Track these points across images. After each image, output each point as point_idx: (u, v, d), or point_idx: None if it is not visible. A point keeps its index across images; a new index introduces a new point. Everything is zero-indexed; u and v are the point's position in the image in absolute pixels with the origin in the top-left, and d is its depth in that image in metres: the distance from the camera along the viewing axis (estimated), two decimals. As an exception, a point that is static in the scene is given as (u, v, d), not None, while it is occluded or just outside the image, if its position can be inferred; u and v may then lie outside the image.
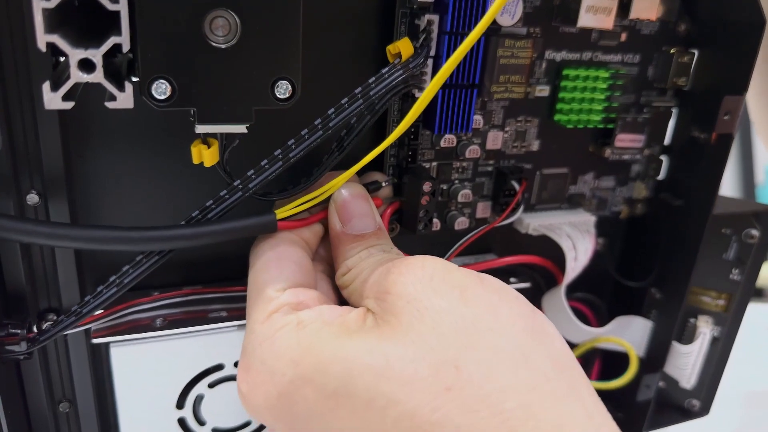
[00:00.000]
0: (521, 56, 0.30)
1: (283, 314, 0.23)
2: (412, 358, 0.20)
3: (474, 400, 0.19)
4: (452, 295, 0.22)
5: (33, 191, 0.25)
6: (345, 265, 0.26)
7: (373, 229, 0.27)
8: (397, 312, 0.22)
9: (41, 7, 0.20)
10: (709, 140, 0.34)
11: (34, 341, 0.25)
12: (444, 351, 0.20)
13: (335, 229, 0.27)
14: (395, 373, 0.20)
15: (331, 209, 0.27)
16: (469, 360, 0.20)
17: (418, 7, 0.28)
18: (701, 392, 0.42)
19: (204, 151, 0.24)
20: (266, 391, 0.22)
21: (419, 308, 0.21)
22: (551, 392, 0.20)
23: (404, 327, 0.21)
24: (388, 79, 0.26)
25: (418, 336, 0.21)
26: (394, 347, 0.21)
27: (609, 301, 0.41)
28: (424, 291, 0.22)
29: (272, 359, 0.22)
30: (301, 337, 0.22)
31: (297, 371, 0.21)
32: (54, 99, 0.21)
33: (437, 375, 0.20)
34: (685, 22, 0.34)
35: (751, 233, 0.38)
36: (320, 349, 0.21)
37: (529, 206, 0.35)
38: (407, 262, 0.23)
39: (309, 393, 0.21)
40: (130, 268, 0.25)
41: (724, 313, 0.40)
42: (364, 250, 0.26)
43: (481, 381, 0.19)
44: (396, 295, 0.22)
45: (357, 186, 0.28)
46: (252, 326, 0.24)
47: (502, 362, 0.20)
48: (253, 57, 0.23)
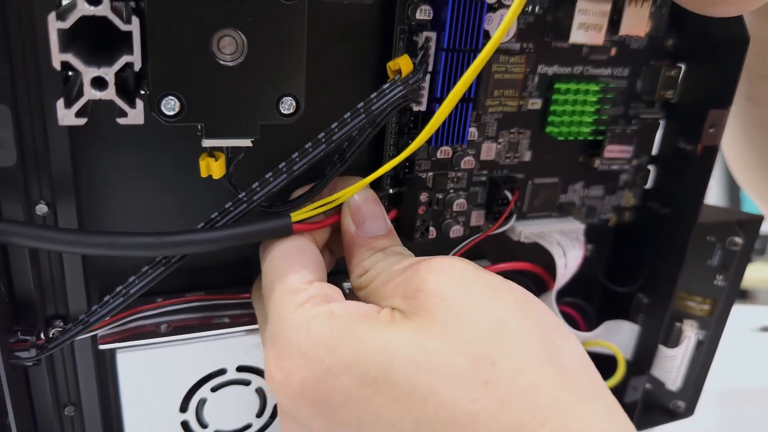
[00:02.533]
0: (515, 71, 0.31)
1: (314, 305, 0.24)
2: (450, 351, 0.21)
3: (509, 394, 0.20)
4: (485, 295, 0.23)
5: (42, 201, 0.26)
6: (362, 267, 0.27)
7: (385, 231, 0.28)
8: (431, 309, 0.23)
9: (56, 28, 0.20)
10: (695, 151, 0.35)
11: (43, 348, 0.26)
12: (480, 347, 0.21)
13: (350, 232, 0.28)
14: (435, 365, 0.21)
15: (344, 213, 0.28)
16: (503, 356, 0.21)
17: (416, 24, 0.29)
18: (686, 394, 0.43)
19: (212, 164, 0.25)
20: (303, 377, 0.22)
21: (453, 306, 0.22)
22: (577, 390, 0.21)
23: (440, 323, 0.22)
24: (389, 95, 0.27)
25: (454, 332, 0.22)
26: (431, 341, 0.22)
27: (597, 306, 0.43)
28: (457, 290, 0.23)
29: (309, 346, 0.22)
30: (335, 327, 0.23)
31: (335, 358, 0.22)
32: (67, 115, 0.22)
33: (475, 369, 0.21)
34: (672, 37, 0.36)
35: (735, 241, 0.39)
36: (358, 338, 0.22)
37: (521, 214, 0.36)
38: (437, 262, 0.24)
39: (347, 380, 0.22)
40: (136, 278, 0.26)
41: (708, 318, 0.41)
42: (379, 252, 0.27)
43: (515, 376, 0.21)
44: (428, 293, 0.23)
45: (368, 190, 0.29)
46: (280, 314, 0.24)
47: (533, 360, 0.21)
48: (259, 74, 0.24)
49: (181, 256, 0.26)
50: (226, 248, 0.26)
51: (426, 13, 0.28)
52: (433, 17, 0.28)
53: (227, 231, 0.26)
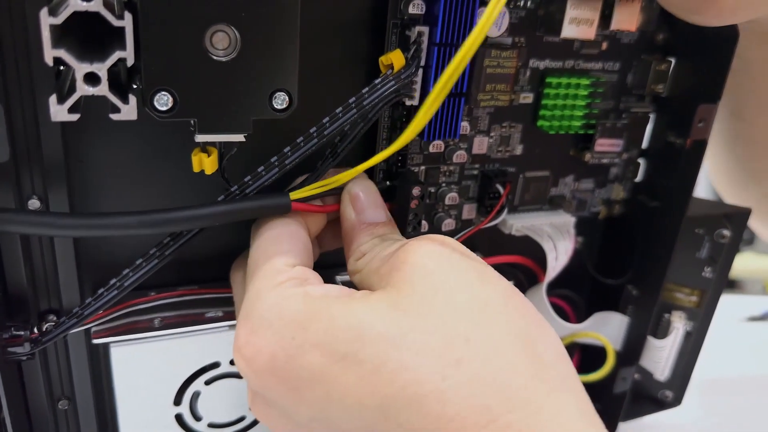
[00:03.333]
0: (507, 66, 0.31)
1: (291, 285, 0.24)
2: (425, 328, 0.21)
3: (481, 375, 0.20)
4: (470, 275, 0.23)
5: (34, 196, 0.26)
6: (359, 251, 0.27)
7: (384, 219, 0.28)
8: (413, 281, 0.22)
9: (49, 23, 0.20)
10: (684, 145, 0.36)
11: (36, 342, 0.26)
12: (456, 324, 0.21)
13: (350, 219, 0.28)
14: (407, 341, 0.21)
15: (344, 201, 0.28)
16: (479, 336, 0.21)
17: (408, 19, 0.29)
18: (674, 384, 0.44)
19: (204, 159, 0.25)
20: (272, 353, 0.22)
21: (435, 282, 0.22)
22: (550, 381, 0.21)
23: (419, 297, 0.22)
24: (380, 90, 0.27)
25: (432, 307, 0.22)
26: (406, 317, 0.21)
27: (587, 298, 0.43)
28: (441, 265, 0.23)
29: (281, 323, 0.22)
30: (310, 305, 0.23)
31: (306, 335, 0.22)
32: (60, 111, 0.22)
33: (449, 346, 0.20)
34: (663, 32, 0.36)
35: (723, 233, 0.39)
36: (330, 314, 0.22)
37: (513, 208, 0.36)
38: (426, 237, 0.24)
39: (316, 357, 0.22)
40: (130, 271, 0.26)
41: (696, 309, 0.42)
42: (377, 237, 0.27)
43: (490, 357, 0.20)
44: (412, 265, 0.23)
45: (368, 181, 0.29)
46: (258, 292, 0.24)
47: (510, 344, 0.21)
48: (252, 70, 0.24)
49: (176, 246, 0.26)
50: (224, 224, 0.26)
51: (419, 8, 0.28)
52: (426, 11, 0.29)
53: (225, 206, 0.26)
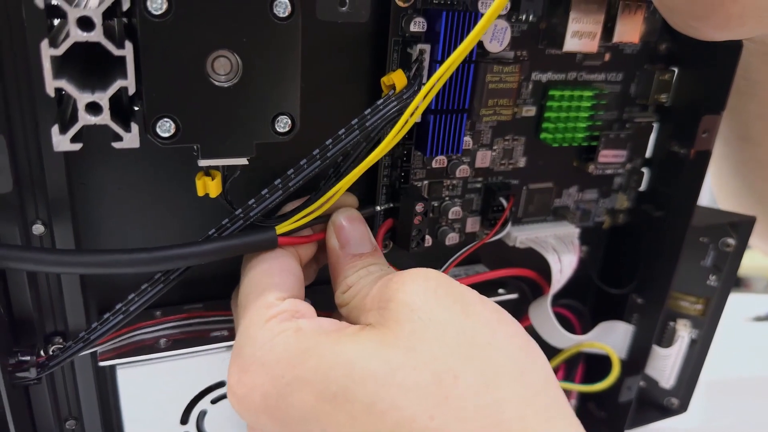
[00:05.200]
0: (509, 80, 0.31)
1: (281, 320, 0.24)
2: (414, 366, 0.21)
3: (472, 410, 0.20)
4: (455, 309, 0.23)
5: (38, 221, 0.26)
6: (345, 284, 0.27)
7: (369, 250, 0.28)
8: (400, 320, 0.22)
9: (49, 54, 0.20)
10: (688, 155, 0.36)
11: (43, 367, 0.26)
12: (445, 361, 0.21)
13: (335, 250, 0.28)
14: (397, 380, 0.21)
15: (329, 232, 0.28)
16: (468, 371, 0.21)
17: (410, 37, 0.29)
18: (680, 391, 0.44)
19: (209, 183, 0.25)
20: (264, 392, 0.22)
21: (422, 318, 0.22)
22: (544, 407, 0.21)
23: (406, 335, 0.22)
24: (383, 111, 0.27)
25: (420, 344, 0.21)
26: (395, 354, 0.21)
27: (591, 307, 0.43)
28: (428, 302, 0.23)
29: (271, 361, 0.22)
30: (300, 342, 0.23)
31: (296, 373, 0.22)
32: (63, 141, 0.22)
33: (438, 384, 0.20)
34: (666, 41, 0.36)
35: (728, 242, 0.39)
36: (320, 353, 0.22)
37: (516, 220, 0.36)
38: (410, 273, 0.24)
39: (307, 396, 0.22)
40: (135, 296, 0.26)
41: (701, 317, 0.42)
42: (363, 269, 0.27)
43: (479, 391, 0.20)
44: (399, 303, 0.23)
45: (352, 210, 0.29)
46: (248, 329, 0.24)
47: (500, 376, 0.21)
48: (254, 94, 0.24)
49: (179, 272, 0.26)
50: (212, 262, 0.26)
51: (420, 26, 0.28)
52: (427, 29, 0.28)
53: (211, 245, 0.26)
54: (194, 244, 0.25)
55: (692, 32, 0.27)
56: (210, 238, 0.26)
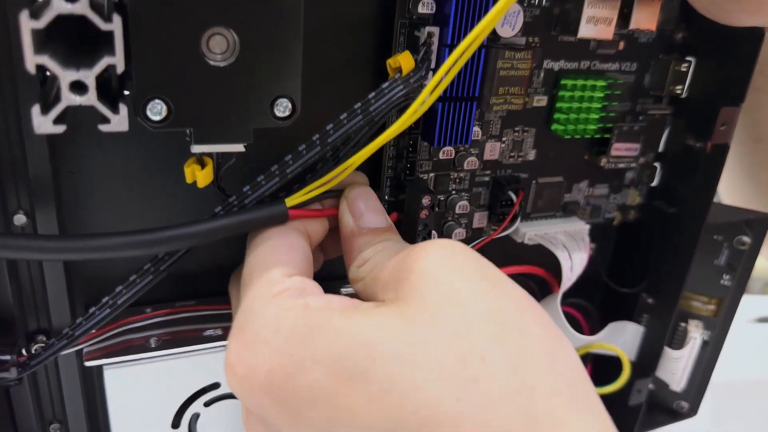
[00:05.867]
0: (521, 68, 0.30)
1: (289, 296, 0.22)
2: (438, 344, 0.19)
3: (500, 395, 0.18)
4: (483, 284, 0.21)
5: (20, 211, 0.24)
6: (361, 257, 0.25)
7: (385, 225, 0.26)
8: (422, 293, 0.21)
9: (30, 28, 0.19)
10: (704, 149, 0.34)
11: (24, 366, 0.24)
12: (471, 340, 0.19)
13: (348, 225, 0.26)
14: (419, 359, 0.19)
15: (342, 207, 0.27)
16: (497, 352, 0.19)
17: (417, 19, 0.27)
18: (690, 394, 0.42)
19: (197, 171, 0.24)
20: (269, 371, 0.20)
21: (447, 292, 0.20)
22: (575, 399, 0.19)
23: (429, 309, 0.20)
24: (388, 95, 0.25)
25: (444, 321, 0.20)
26: (418, 332, 0.20)
27: (599, 306, 0.42)
28: (453, 273, 0.21)
29: (279, 338, 0.20)
30: (309, 319, 0.21)
31: (307, 351, 0.20)
32: (44, 123, 0.20)
33: (464, 364, 0.19)
34: (682, 31, 0.34)
35: (743, 240, 0.38)
36: (334, 329, 0.20)
37: (525, 215, 0.35)
38: (433, 243, 0.22)
39: (319, 375, 0.20)
40: (123, 288, 0.25)
41: (714, 318, 0.40)
42: (379, 243, 0.25)
43: (509, 376, 0.19)
44: (420, 274, 0.21)
45: (367, 186, 0.27)
46: (253, 304, 0.22)
47: (530, 361, 0.19)
48: (252, 75, 0.22)
49: (169, 262, 0.25)
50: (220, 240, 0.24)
51: (428, 7, 0.27)
52: (436, 11, 0.27)
53: (217, 222, 0.24)
54: (198, 222, 0.24)
55: (721, 16, 0.26)
56: (216, 215, 0.24)
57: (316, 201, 0.26)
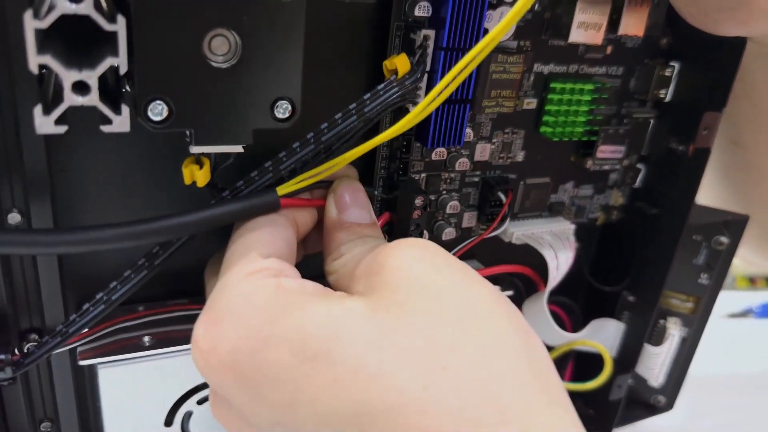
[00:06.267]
0: (513, 71, 0.30)
1: (263, 276, 0.22)
2: (407, 332, 0.19)
3: (469, 383, 0.18)
4: (455, 277, 0.21)
5: (15, 210, 0.24)
6: (338, 251, 0.25)
7: (368, 221, 0.26)
8: (394, 285, 0.21)
9: (33, 27, 0.19)
10: (686, 153, 0.35)
11: (18, 365, 0.24)
12: (443, 328, 0.19)
13: (331, 217, 0.26)
14: (387, 344, 0.19)
15: (329, 198, 0.27)
16: (468, 341, 0.19)
17: (413, 21, 0.27)
18: (667, 389, 0.44)
19: (196, 171, 0.24)
20: (234, 346, 0.20)
21: (419, 285, 0.21)
22: (544, 393, 0.19)
23: (400, 299, 0.20)
24: (383, 96, 0.26)
25: (414, 309, 0.20)
26: (387, 319, 0.19)
27: (582, 303, 0.42)
28: (425, 269, 0.21)
29: (247, 314, 0.20)
30: (281, 298, 0.21)
31: (274, 329, 0.20)
32: (46, 123, 0.20)
33: (434, 351, 0.19)
34: (667, 36, 0.35)
35: (721, 240, 0.39)
36: (303, 309, 0.20)
37: (513, 215, 0.35)
38: (405, 240, 0.23)
39: (284, 354, 0.19)
40: (118, 284, 0.25)
41: (691, 315, 0.41)
42: (359, 239, 0.25)
43: (478, 364, 0.19)
44: (393, 268, 0.21)
45: (356, 182, 0.27)
46: (226, 280, 0.22)
47: (500, 352, 0.19)
48: (253, 77, 0.22)
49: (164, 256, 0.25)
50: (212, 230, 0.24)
51: (425, 10, 0.27)
52: (432, 14, 0.27)
53: (209, 211, 0.24)
54: (191, 212, 0.23)
55: (709, 26, 0.27)
56: (208, 205, 0.24)
57: (307, 191, 0.26)
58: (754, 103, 0.38)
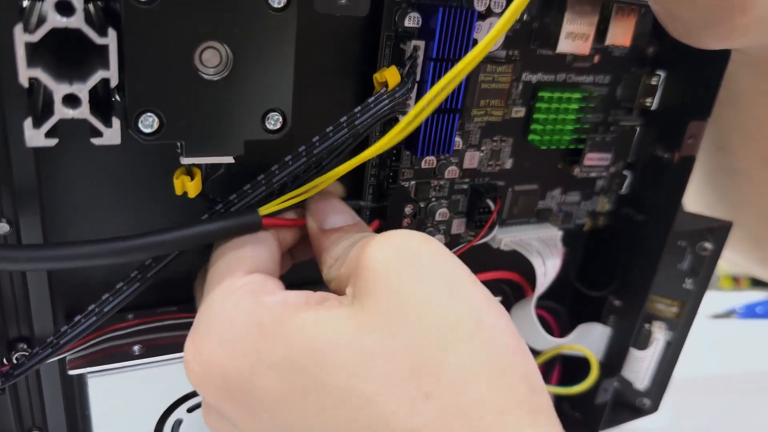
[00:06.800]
0: (501, 81, 0.30)
1: (245, 293, 0.22)
2: (392, 354, 0.19)
3: (451, 411, 0.18)
4: (439, 285, 0.21)
5: (3, 220, 0.24)
6: (331, 258, 0.25)
7: (351, 222, 0.26)
8: (375, 295, 0.20)
9: (24, 41, 0.19)
10: (672, 160, 0.36)
11: (8, 376, 0.24)
12: (425, 350, 0.19)
13: (313, 231, 0.26)
14: (374, 372, 0.19)
15: (307, 217, 0.27)
16: (450, 366, 0.19)
17: (403, 32, 0.27)
18: (652, 392, 0.44)
19: (187, 182, 0.24)
20: (224, 372, 0.21)
21: (401, 296, 0.20)
22: (525, 411, 0.19)
23: (382, 316, 0.20)
24: (374, 109, 0.26)
25: (397, 329, 0.20)
26: (371, 341, 0.19)
27: (569, 307, 0.43)
28: (408, 275, 0.21)
29: (231, 338, 0.21)
30: (263, 318, 0.21)
31: (260, 356, 0.20)
32: (36, 136, 0.20)
33: (417, 378, 0.19)
34: (653, 45, 0.35)
35: (705, 246, 0.40)
36: (286, 334, 0.20)
37: (501, 221, 0.36)
38: (387, 236, 0.22)
39: (273, 381, 0.20)
40: (110, 296, 0.25)
41: (676, 319, 0.42)
42: (346, 240, 0.25)
43: (459, 390, 0.19)
44: (373, 273, 0.21)
45: (327, 191, 0.27)
46: (211, 299, 0.22)
47: (481, 374, 0.19)
48: (244, 89, 0.22)
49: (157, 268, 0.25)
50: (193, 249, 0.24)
51: (415, 21, 0.27)
52: (422, 25, 0.27)
53: (190, 230, 0.24)
54: (172, 229, 0.23)
55: (693, 40, 0.27)
56: (188, 223, 0.24)
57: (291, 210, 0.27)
58: (739, 110, 0.39)
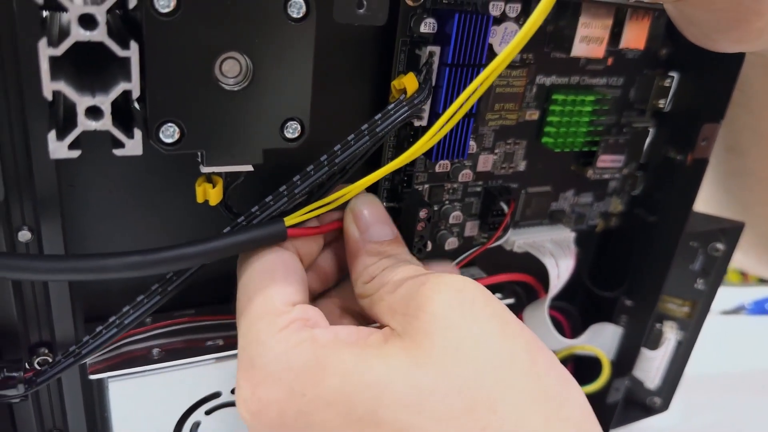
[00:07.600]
0: (516, 84, 0.30)
1: (296, 330, 0.22)
2: (447, 391, 0.20)
3: None
4: (492, 326, 0.21)
5: (25, 227, 0.24)
6: (367, 273, 0.25)
7: (392, 237, 0.27)
8: (431, 334, 0.21)
9: (48, 55, 0.19)
10: (684, 162, 0.36)
11: (31, 383, 0.24)
12: (480, 387, 0.20)
13: (353, 237, 0.26)
14: (429, 407, 0.20)
15: (347, 219, 0.27)
16: (505, 401, 0.20)
17: (418, 37, 0.28)
18: (663, 391, 0.44)
19: (209, 190, 0.24)
20: (282, 410, 0.21)
21: (457, 335, 0.21)
22: None
23: (438, 353, 0.21)
24: (393, 116, 0.26)
25: (453, 366, 0.20)
26: (426, 377, 0.20)
27: (580, 308, 0.43)
28: (464, 316, 0.21)
29: (290, 377, 0.21)
30: (319, 356, 0.21)
31: (318, 392, 0.21)
32: (60, 148, 0.20)
33: (472, 413, 0.19)
34: (667, 47, 0.35)
35: (717, 247, 0.40)
36: (344, 370, 0.21)
37: (514, 223, 0.36)
38: (445, 280, 0.23)
39: (331, 416, 0.20)
40: (130, 308, 0.25)
41: (687, 319, 0.42)
42: (386, 258, 0.25)
43: (516, 425, 0.19)
44: (431, 315, 0.21)
45: (371, 195, 0.28)
46: (260, 337, 0.22)
47: (536, 409, 0.20)
48: (263, 99, 0.23)
49: (177, 282, 0.25)
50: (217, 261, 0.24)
51: (430, 27, 0.27)
52: (437, 31, 0.27)
53: (214, 243, 0.24)
54: (195, 243, 0.24)
55: (709, 44, 0.27)
56: (213, 236, 0.24)
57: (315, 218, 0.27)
58: (752, 111, 0.38)
